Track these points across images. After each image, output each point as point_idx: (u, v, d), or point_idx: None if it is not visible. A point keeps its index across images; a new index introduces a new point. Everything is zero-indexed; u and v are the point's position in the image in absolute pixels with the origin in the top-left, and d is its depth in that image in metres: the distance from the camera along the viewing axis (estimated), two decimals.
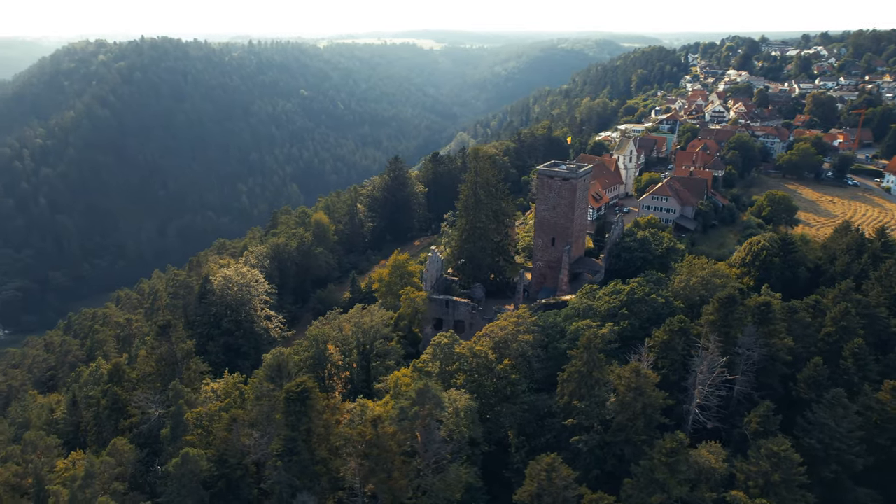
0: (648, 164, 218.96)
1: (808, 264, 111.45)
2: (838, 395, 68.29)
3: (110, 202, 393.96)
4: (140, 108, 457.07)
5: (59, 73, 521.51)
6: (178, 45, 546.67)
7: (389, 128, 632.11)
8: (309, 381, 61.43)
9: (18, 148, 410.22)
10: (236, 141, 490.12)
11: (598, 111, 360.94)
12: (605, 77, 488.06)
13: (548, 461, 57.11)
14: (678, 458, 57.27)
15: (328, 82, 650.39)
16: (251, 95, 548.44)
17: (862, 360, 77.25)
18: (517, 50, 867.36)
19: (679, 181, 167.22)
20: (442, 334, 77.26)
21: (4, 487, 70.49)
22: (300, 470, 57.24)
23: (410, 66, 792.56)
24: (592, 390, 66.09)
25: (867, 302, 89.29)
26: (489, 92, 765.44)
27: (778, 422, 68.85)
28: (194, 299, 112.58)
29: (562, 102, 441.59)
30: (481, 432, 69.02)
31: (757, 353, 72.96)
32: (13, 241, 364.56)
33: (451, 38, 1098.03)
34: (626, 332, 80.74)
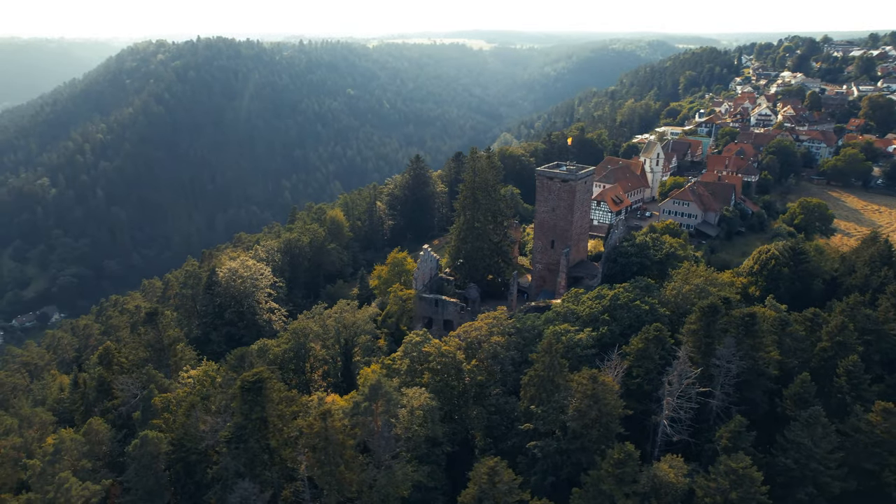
0: (681, 168, 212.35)
1: (824, 276, 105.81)
2: (816, 414, 64.62)
3: (161, 195, 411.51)
4: (192, 105, 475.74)
5: (121, 72, 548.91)
6: (230, 45, 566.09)
7: (434, 127, 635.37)
8: (266, 371, 62.71)
9: (81, 142, 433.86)
10: (282, 138, 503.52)
11: (640, 113, 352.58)
12: (653, 78, 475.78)
13: (490, 464, 56.38)
14: (626, 470, 55.49)
15: (375, 82, 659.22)
16: (299, 94, 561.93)
17: (856, 378, 72.79)
18: (567, 50, 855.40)
19: (704, 186, 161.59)
20: (415, 332, 77.37)
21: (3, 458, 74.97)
22: (248, 458, 58.57)
23: (458, 66, 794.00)
24: (552, 395, 64.82)
25: (875, 317, 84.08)
26: (537, 93, 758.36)
27: (751, 438, 65.71)
28: (201, 290, 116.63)
29: (605, 104, 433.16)
30: (442, 432, 68.76)
31: (736, 366, 69.76)
32: (72, 231, 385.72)
33: (502, 39, 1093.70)
34: (605, 339, 78.74)
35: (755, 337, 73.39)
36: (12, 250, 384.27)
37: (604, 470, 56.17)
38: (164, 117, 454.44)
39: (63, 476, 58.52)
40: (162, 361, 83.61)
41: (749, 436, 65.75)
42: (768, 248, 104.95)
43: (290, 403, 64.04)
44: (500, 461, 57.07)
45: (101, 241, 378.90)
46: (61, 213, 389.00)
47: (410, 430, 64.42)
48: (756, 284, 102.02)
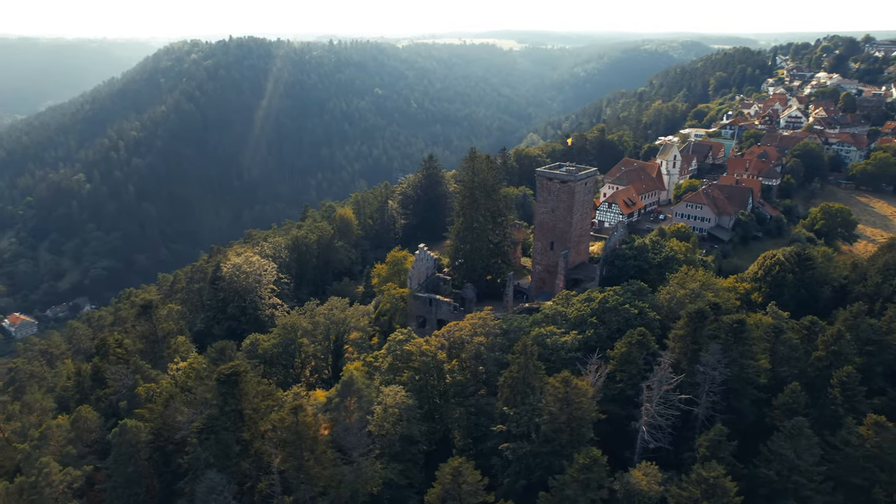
0: (702, 170, 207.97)
1: (833, 283, 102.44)
2: (800, 425, 62.67)
3: (189, 191, 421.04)
4: (222, 103, 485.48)
5: (157, 71, 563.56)
6: (261, 44, 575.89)
7: (461, 127, 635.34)
8: (243, 365, 63.71)
9: (115, 139, 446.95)
10: (309, 136, 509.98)
11: (666, 115, 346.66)
12: (682, 79, 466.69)
13: (454, 465, 56.19)
14: (591, 476, 54.64)
15: (403, 81, 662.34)
16: (327, 93, 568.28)
17: (850, 390, 70.30)
18: (598, 51, 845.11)
19: (719, 189, 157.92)
20: (399, 331, 77.58)
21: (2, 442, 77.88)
22: (220, 449, 59.57)
23: (488, 67, 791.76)
24: (526, 398, 64.24)
25: (878, 327, 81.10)
26: (566, 93, 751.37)
27: (731, 447, 64.05)
28: (207, 284, 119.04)
29: (632, 105, 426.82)
30: (419, 430, 68.76)
31: (720, 374, 68.03)
32: (105, 225, 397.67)
33: (534, 39, 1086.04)
34: (591, 342, 77.68)
35: (744, 344, 71.53)
36: (49, 243, 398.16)
37: (569, 475, 55.41)
38: (194, 115, 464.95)
39: (44, 461, 60.53)
40: (157, 353, 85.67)
41: (729, 445, 64.10)
42: (773, 254, 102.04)
43: (266, 397, 64.87)
44: (465, 462, 56.86)
45: (131, 236, 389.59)
46: (95, 208, 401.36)
47: (384, 427, 64.54)
48: (759, 291, 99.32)
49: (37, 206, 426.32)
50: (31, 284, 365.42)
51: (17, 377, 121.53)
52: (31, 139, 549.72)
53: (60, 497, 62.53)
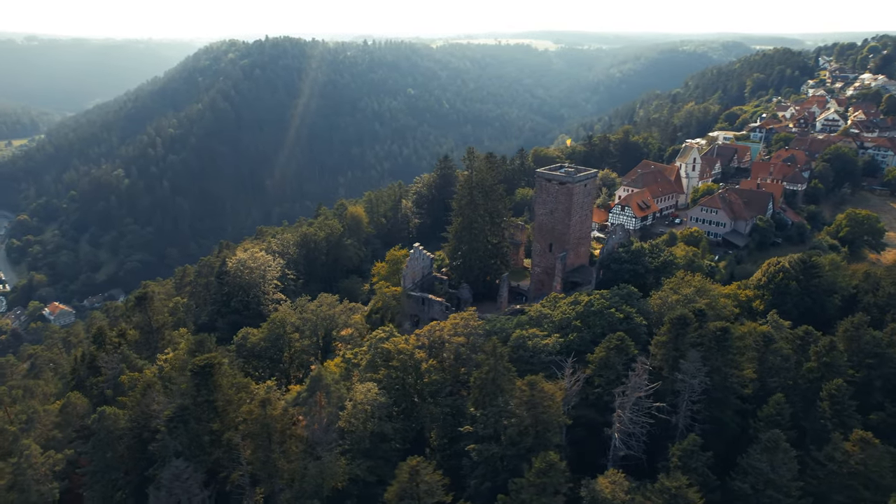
0: (726, 174, 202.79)
1: (843, 293, 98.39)
2: (776, 438, 60.41)
3: (221, 188, 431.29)
4: (256, 102, 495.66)
5: (195, 70, 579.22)
6: (296, 44, 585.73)
7: (492, 128, 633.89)
8: (218, 357, 64.99)
9: (153, 136, 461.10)
10: (340, 135, 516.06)
11: (697, 117, 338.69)
12: (718, 81, 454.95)
13: (412, 464, 56.12)
14: (546, 481, 53.81)
15: (436, 81, 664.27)
16: (360, 92, 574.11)
17: (839, 403, 67.46)
18: (636, 51, 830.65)
19: (738, 193, 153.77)
20: (381, 329, 77.89)
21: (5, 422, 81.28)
22: (189, 438, 60.92)
23: (521, 67, 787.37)
24: (495, 399, 63.70)
25: (879, 339, 77.64)
26: (601, 94, 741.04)
27: (704, 458, 62.11)
28: (213, 279, 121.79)
29: (665, 107, 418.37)
30: (392, 428, 68.90)
31: (700, 382, 66.10)
32: (140, 219, 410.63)
33: (570, 39, 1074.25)
34: (573, 345, 76.50)
35: (727, 353, 69.33)
36: (89, 236, 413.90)
37: (525, 479, 54.72)
38: (228, 113, 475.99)
39: (26, 443, 62.98)
40: (151, 344, 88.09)
41: (703, 456, 62.20)
42: (777, 260, 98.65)
43: (239, 390, 65.99)
44: (423, 461, 56.76)
45: (164, 230, 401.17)
46: (132, 203, 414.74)
47: (353, 424, 64.92)
48: (762, 298, 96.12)
49: (79, 200, 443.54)
50: (70, 275, 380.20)
51: (37, 363, 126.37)
52: (77, 136, 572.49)
53: (42, 478, 65.03)
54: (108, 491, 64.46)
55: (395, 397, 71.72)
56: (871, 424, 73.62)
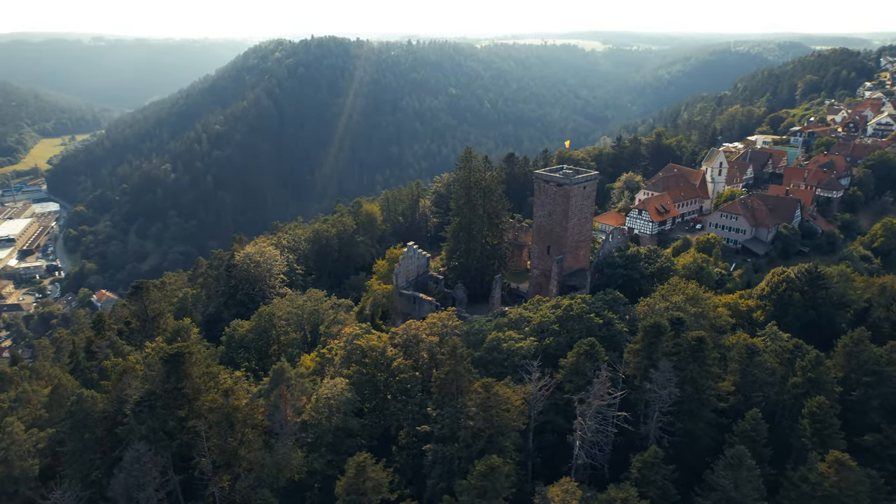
0: (758, 179, 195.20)
1: (854, 306, 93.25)
2: (741, 454, 57.81)
3: (262, 183, 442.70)
4: (299, 100, 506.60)
5: (244, 69, 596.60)
6: (340, 44, 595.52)
7: (534, 129, 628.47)
8: (189, 346, 66.90)
9: (200, 132, 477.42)
10: (380, 134, 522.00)
11: (740, 120, 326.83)
12: (768, 83, 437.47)
13: (359, 460, 56.38)
14: (487, 484, 53.09)
15: (478, 81, 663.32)
16: (401, 92, 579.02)
17: (820, 422, 64.05)
18: (685, 52, 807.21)
19: (762, 199, 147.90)
20: (358, 325, 78.47)
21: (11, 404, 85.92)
22: (155, 423, 62.88)
23: (567, 68, 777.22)
24: (454, 400, 63.28)
25: (878, 357, 73.32)
26: (647, 96, 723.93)
27: (666, 472, 60.02)
28: (223, 271, 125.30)
29: (709, 109, 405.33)
30: (358, 424, 69.35)
31: (669, 394, 63.90)
32: (184, 212, 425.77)
33: (618, 40, 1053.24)
34: (549, 349, 75.22)
35: (703, 363, 66.79)
36: (136, 227, 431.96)
37: (467, 482, 54.19)
38: (272, 111, 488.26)
39: (9, 420, 66.41)
40: (147, 332, 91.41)
41: (664, 469, 60.13)
42: (783, 269, 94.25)
43: (209, 379, 67.70)
44: (368, 457, 56.92)
45: (206, 223, 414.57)
46: (177, 196, 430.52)
47: (316, 417, 65.69)
48: (763, 309, 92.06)
49: (130, 193, 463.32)
50: (118, 264, 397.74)
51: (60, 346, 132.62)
52: (132, 131, 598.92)
53: (25, 454, 68.51)
54: (85, 470, 67.15)
55: (365, 394, 72.17)
56: (865, 446, 69.97)
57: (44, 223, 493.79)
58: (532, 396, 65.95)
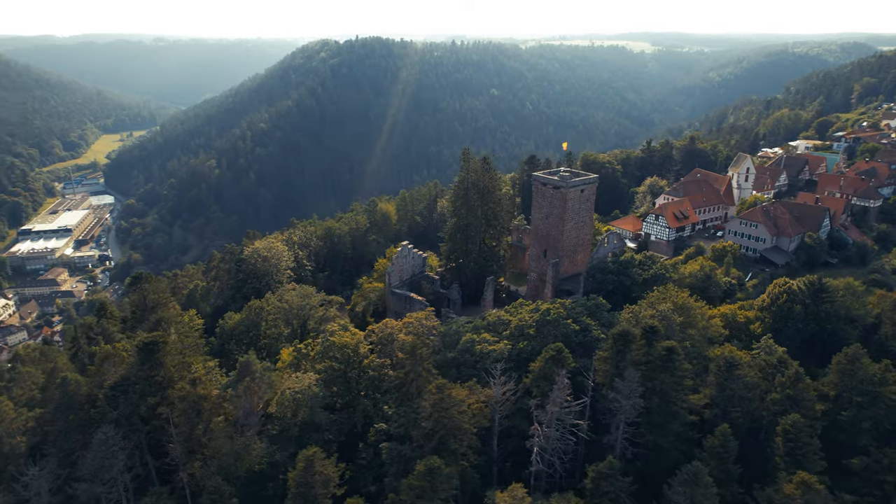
0: (793, 186, 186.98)
1: (862, 322, 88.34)
2: (697, 471, 55.79)
3: (302, 180, 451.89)
4: (341, 100, 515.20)
5: (290, 68, 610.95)
6: (384, 44, 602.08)
7: (576, 131, 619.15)
8: (164, 336, 69.20)
9: (245, 130, 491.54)
10: (419, 134, 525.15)
11: (786, 124, 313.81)
12: (822, 86, 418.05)
13: (308, 454, 57.10)
14: (425, 485, 52.86)
15: (521, 82, 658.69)
16: (443, 92, 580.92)
17: (793, 441, 61.09)
18: (739, 54, 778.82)
19: (787, 207, 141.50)
20: (336, 321, 79.33)
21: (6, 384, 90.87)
22: (127, 409, 65.36)
23: (614, 70, 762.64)
24: (412, 400, 63.30)
25: (871, 376, 69.40)
26: (696, 99, 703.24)
27: (622, 484, 58.37)
28: (233, 265, 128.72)
29: (755, 113, 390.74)
30: (326, 419, 70.15)
31: (633, 405, 62.10)
32: (226, 207, 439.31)
33: (670, 42, 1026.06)
34: (523, 353, 74.26)
35: (673, 374, 64.64)
36: (181, 220, 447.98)
37: (408, 481, 54.13)
38: (314, 110, 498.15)
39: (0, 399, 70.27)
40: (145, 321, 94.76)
41: (621, 481, 58.50)
42: (785, 281, 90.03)
43: (182, 368, 69.80)
44: (318, 452, 57.58)
45: (247, 218, 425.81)
46: (220, 191, 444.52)
47: (281, 411, 66.84)
48: (762, 321, 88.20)
49: (177, 188, 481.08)
50: (162, 256, 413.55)
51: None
52: (184, 128, 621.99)
53: (15, 432, 72.35)
54: (67, 450, 70.26)
55: (335, 390, 72.94)
56: (852, 470, 66.63)
57: (99, 215, 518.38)
58: (494, 400, 65.33)
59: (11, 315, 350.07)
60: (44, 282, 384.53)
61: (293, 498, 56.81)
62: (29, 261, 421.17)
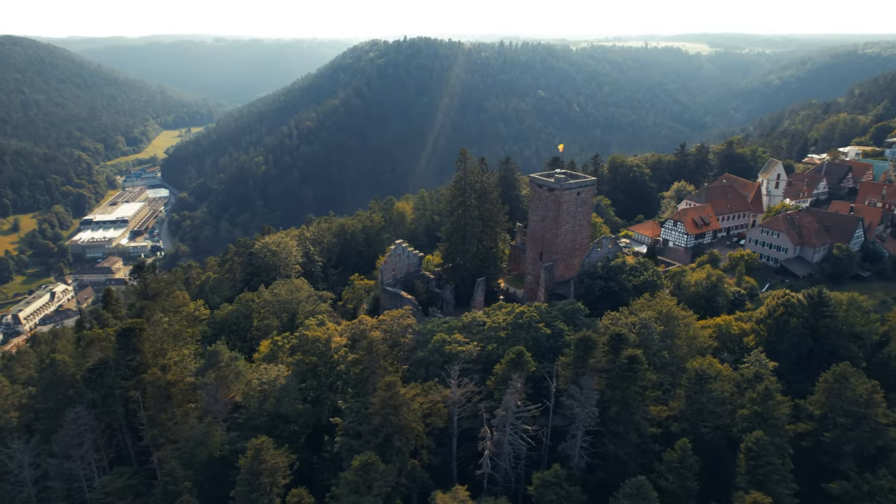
0: (833, 194, 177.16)
1: (868, 339, 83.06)
2: (642, 486, 53.92)
3: (344, 178, 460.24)
4: (385, 99, 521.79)
5: (339, 68, 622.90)
6: (431, 44, 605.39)
7: (624, 134, 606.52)
8: (142, 323, 72.05)
9: (292, 128, 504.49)
10: (462, 135, 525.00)
11: (841, 129, 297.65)
12: (889, 88, 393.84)
13: (257, 443, 58.29)
14: (359, 480, 53.09)
15: (569, 84, 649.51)
16: (488, 93, 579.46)
17: (756, 459, 58.14)
18: (803, 55, 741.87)
19: (817, 216, 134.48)
20: (314, 316, 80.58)
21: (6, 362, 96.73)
22: (102, 391, 68.47)
23: (667, 72, 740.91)
24: (366, 397, 63.66)
25: (857, 397, 65.34)
26: (754, 102, 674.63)
27: (567, 492, 56.99)
28: (245, 258, 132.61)
29: (810, 117, 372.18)
30: (293, 411, 71.33)
31: (587, 414, 60.51)
32: (271, 203, 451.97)
33: (729, 43, 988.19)
34: (493, 356, 73.44)
35: (634, 384, 62.57)
36: (228, 215, 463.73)
37: (344, 476, 54.53)
38: (360, 109, 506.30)
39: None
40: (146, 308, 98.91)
41: (567, 490, 57.13)
42: (784, 293, 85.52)
43: (158, 355, 72.50)
44: (266, 440, 58.73)
45: (290, 214, 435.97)
46: (265, 187, 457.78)
47: (247, 401, 68.48)
48: (758, 334, 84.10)
49: (227, 183, 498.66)
50: (208, 249, 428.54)
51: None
52: (237, 125, 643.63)
53: (9, 406, 77.02)
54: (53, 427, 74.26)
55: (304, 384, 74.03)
56: (832, 494, 62.98)
57: (154, 207, 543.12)
58: (451, 401, 64.99)
59: (70, 300, 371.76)
60: (100, 269, 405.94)
61: (241, 484, 58.18)
62: (88, 249, 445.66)
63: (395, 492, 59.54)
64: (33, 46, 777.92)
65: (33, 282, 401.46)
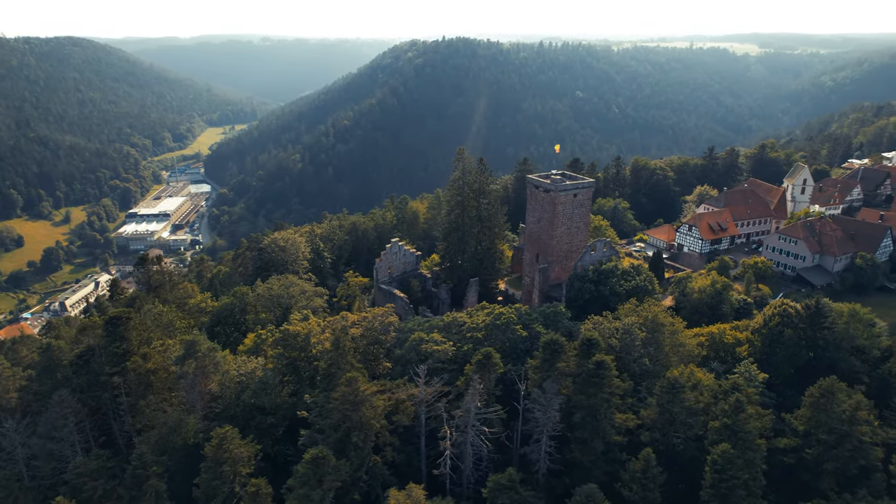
0: (868, 202, 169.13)
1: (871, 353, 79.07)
2: (592, 493, 52.76)
3: (378, 176, 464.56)
4: (421, 98, 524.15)
5: (378, 68, 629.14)
6: (468, 44, 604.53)
7: (664, 136, 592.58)
8: (129, 313, 74.57)
9: (329, 126, 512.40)
10: (497, 135, 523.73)
11: (890, 133, 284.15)
12: None
13: (221, 432, 59.55)
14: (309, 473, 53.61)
15: (608, 84, 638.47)
16: (525, 94, 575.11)
17: (721, 473, 56.17)
18: (860, 56, 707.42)
19: (842, 224, 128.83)
20: (298, 311, 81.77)
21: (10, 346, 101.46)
22: (88, 376, 71.19)
23: (712, 73, 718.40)
24: (330, 392, 64.23)
25: (840, 413, 62.41)
26: (803, 105, 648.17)
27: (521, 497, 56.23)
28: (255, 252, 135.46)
29: (859, 121, 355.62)
30: (270, 403, 72.59)
31: (549, 417, 59.56)
32: (306, 200, 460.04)
33: (780, 43, 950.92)
34: (468, 356, 72.97)
35: (601, 390, 61.25)
36: (265, 210, 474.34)
37: (296, 469, 55.18)
38: (395, 109, 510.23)
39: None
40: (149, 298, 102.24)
41: (521, 494, 56.45)
42: (782, 302, 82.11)
43: (143, 344, 74.90)
44: (231, 430, 59.93)
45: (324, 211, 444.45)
46: (301, 185, 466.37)
47: (224, 391, 70.06)
48: (752, 344, 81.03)
49: (265, 180, 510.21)
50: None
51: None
52: (278, 123, 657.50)
53: (9, 388, 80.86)
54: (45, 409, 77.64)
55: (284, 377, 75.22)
56: None
57: (195, 202, 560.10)
58: (418, 399, 65.00)
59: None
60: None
61: (204, 471, 59.56)
62: (132, 241, 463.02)
63: (353, 487, 60.03)
64: (91, 47, 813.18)
65: (80, 271, 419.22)
